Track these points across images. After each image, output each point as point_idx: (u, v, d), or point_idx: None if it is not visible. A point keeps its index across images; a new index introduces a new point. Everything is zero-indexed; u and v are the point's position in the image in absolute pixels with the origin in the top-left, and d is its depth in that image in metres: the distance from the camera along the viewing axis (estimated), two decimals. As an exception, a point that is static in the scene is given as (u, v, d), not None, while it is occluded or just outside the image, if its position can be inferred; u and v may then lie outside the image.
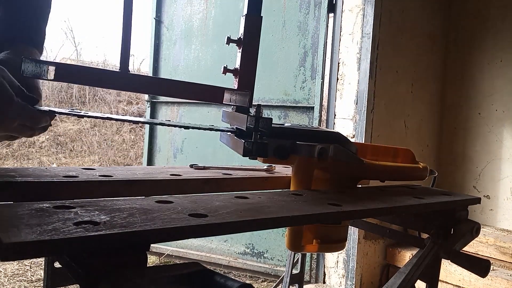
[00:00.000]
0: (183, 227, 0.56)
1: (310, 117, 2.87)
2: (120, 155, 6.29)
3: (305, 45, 2.89)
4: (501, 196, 2.87)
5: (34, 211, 0.56)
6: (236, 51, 0.97)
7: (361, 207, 0.80)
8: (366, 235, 2.65)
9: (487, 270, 1.05)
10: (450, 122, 3.12)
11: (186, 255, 3.19)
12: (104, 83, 0.80)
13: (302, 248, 0.96)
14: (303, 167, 0.94)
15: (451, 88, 3.12)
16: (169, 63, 3.33)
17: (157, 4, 3.35)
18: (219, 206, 0.68)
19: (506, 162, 2.85)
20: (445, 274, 2.44)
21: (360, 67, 2.63)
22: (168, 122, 0.94)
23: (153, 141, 3.44)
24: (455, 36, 3.10)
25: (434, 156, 3.12)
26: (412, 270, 0.96)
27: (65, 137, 6.42)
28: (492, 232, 2.68)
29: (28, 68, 0.74)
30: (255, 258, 3.03)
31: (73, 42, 7.94)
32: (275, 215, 0.66)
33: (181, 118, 3.31)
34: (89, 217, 0.56)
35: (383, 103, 2.69)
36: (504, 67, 2.87)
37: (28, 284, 2.84)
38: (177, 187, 0.91)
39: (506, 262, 2.47)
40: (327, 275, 2.83)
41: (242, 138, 0.88)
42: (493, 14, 2.93)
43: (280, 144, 0.90)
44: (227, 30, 3.03)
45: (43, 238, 0.46)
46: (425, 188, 1.16)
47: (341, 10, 2.75)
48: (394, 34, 2.72)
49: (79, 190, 0.78)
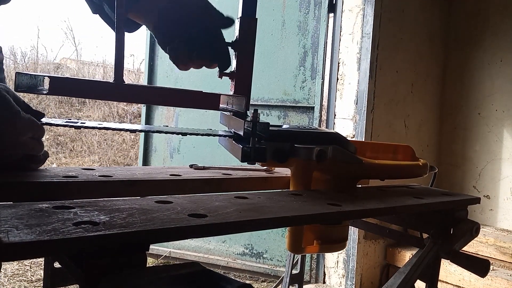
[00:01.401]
0: (183, 227, 0.56)
1: (310, 117, 2.87)
2: (120, 155, 6.29)
3: (305, 45, 2.89)
4: (501, 196, 2.87)
5: (33, 211, 0.56)
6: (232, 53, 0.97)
7: (360, 207, 0.80)
8: (366, 235, 2.65)
9: (487, 270, 1.05)
10: (450, 122, 3.12)
11: (184, 256, 3.18)
12: (99, 95, 0.80)
13: (303, 249, 0.96)
14: (302, 170, 0.94)
15: (451, 88, 3.12)
16: (165, 61, 3.29)
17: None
18: (218, 206, 0.68)
19: (506, 162, 2.85)
20: (445, 274, 2.44)
21: (360, 67, 2.63)
22: (165, 129, 0.94)
23: (149, 140, 3.41)
24: (455, 36, 3.10)
25: (434, 156, 3.12)
26: (412, 270, 0.96)
27: (65, 137, 6.42)
28: (492, 232, 2.68)
29: (23, 82, 0.74)
30: (255, 259, 3.03)
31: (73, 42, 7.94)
32: (274, 215, 0.66)
33: (178, 117, 3.30)
34: (89, 217, 0.56)
35: (383, 103, 2.69)
36: (504, 67, 2.87)
37: (28, 284, 2.84)
38: (177, 187, 0.90)
39: (506, 262, 2.47)
40: (327, 275, 2.83)
41: (240, 143, 0.88)
42: (493, 14, 2.93)
43: (278, 148, 0.89)
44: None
45: (42, 238, 0.46)
46: (425, 188, 1.16)
47: (341, 10, 2.75)
48: (394, 34, 2.72)
49: (79, 190, 0.78)
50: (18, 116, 0.75)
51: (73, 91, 0.77)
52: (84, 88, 0.76)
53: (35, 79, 0.74)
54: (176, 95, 0.84)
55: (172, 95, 0.84)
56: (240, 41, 0.93)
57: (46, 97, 7.02)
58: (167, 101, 0.87)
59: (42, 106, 6.82)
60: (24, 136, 0.77)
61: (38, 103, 6.91)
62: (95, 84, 0.78)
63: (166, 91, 0.84)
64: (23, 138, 0.76)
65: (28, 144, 0.78)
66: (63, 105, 7.10)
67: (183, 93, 0.85)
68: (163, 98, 0.85)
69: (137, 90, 0.82)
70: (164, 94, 0.84)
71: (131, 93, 0.80)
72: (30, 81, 0.74)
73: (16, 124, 0.75)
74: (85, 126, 0.86)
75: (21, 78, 0.73)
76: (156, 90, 0.86)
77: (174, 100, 0.85)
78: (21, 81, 0.73)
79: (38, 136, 0.80)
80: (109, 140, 6.46)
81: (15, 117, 0.74)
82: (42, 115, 0.83)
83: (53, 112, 6.78)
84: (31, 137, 0.78)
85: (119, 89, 0.78)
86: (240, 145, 0.85)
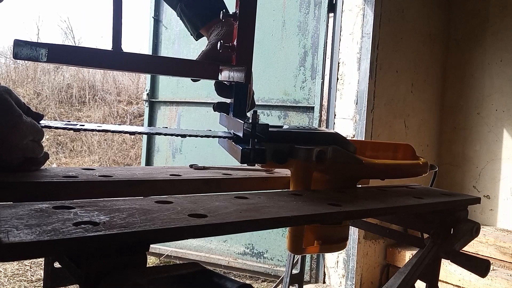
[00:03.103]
0: (183, 228, 0.56)
1: (310, 117, 2.87)
2: (120, 155, 6.29)
3: (305, 45, 2.89)
4: (501, 196, 2.87)
5: (33, 211, 0.56)
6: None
7: (361, 207, 0.80)
8: (366, 235, 2.65)
9: (487, 270, 1.05)
10: (450, 122, 3.12)
11: (185, 256, 3.19)
12: (98, 63, 0.79)
13: (304, 250, 0.95)
14: (302, 170, 0.94)
15: (451, 88, 3.12)
16: (168, 57, 3.31)
17: (155, 3, 3.34)
18: (219, 206, 0.68)
19: (506, 162, 2.85)
20: (445, 274, 2.44)
21: (360, 67, 2.63)
22: (165, 131, 0.93)
23: (152, 141, 3.43)
24: (455, 36, 3.10)
25: (434, 156, 3.11)
26: (412, 270, 0.96)
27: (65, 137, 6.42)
28: (492, 232, 2.68)
29: (22, 51, 0.73)
30: (255, 258, 3.03)
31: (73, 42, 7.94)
32: (275, 215, 0.66)
33: (180, 117, 3.31)
34: (89, 217, 0.56)
35: (383, 103, 2.69)
36: (504, 67, 2.87)
37: (28, 284, 2.84)
38: (177, 187, 0.90)
39: (506, 262, 2.47)
40: (327, 275, 2.83)
41: (240, 144, 0.87)
42: (492, 13, 2.93)
43: (277, 149, 0.89)
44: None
45: (42, 238, 0.46)
46: (425, 188, 1.16)
47: (341, 10, 2.75)
48: (394, 34, 2.72)
49: (79, 190, 0.78)
50: (21, 120, 0.75)
51: (71, 59, 0.76)
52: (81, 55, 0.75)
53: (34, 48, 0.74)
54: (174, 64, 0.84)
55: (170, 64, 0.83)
56: (241, 13, 0.92)
57: (47, 97, 7.02)
58: (165, 70, 0.86)
59: (43, 106, 6.82)
60: (25, 140, 0.77)
61: (38, 103, 6.91)
62: (93, 52, 0.77)
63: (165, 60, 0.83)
64: (25, 141, 0.77)
65: (30, 147, 0.78)
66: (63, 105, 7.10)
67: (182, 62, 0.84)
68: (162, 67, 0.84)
69: (136, 58, 0.81)
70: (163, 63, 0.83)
71: (130, 62, 0.79)
72: (28, 49, 0.73)
73: (20, 129, 0.75)
74: (84, 128, 0.86)
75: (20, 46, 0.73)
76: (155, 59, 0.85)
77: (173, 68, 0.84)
78: (20, 49, 0.73)
79: (38, 139, 0.80)
80: (109, 140, 6.46)
81: (19, 122, 0.75)
82: (42, 117, 0.83)
83: (53, 112, 6.78)
84: (32, 140, 0.78)
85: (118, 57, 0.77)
86: (240, 146, 0.85)
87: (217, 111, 1.05)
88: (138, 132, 0.92)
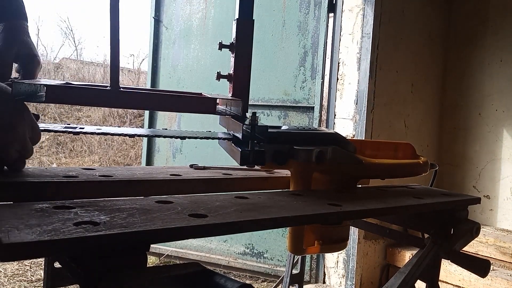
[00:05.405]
0: (183, 227, 0.56)
1: (310, 117, 2.87)
2: (120, 155, 6.29)
3: (305, 45, 2.89)
4: (501, 196, 2.87)
5: (34, 211, 0.56)
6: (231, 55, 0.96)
7: (361, 207, 0.80)
8: (366, 235, 2.65)
9: (487, 270, 1.05)
10: (450, 122, 3.12)
11: (186, 256, 3.19)
12: (96, 102, 0.80)
13: (304, 250, 0.95)
14: (302, 171, 0.94)
15: (451, 88, 3.12)
16: (168, 62, 3.32)
17: (156, 4, 3.34)
18: (219, 206, 0.68)
19: (506, 162, 2.85)
20: (445, 274, 2.44)
21: (360, 67, 2.63)
22: (164, 133, 0.93)
23: (152, 141, 3.43)
24: (455, 36, 3.10)
25: (434, 156, 3.11)
26: (412, 270, 0.96)
27: (65, 137, 6.42)
28: (492, 232, 2.68)
29: (20, 91, 0.75)
30: (255, 258, 3.03)
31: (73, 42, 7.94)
32: (275, 215, 0.66)
33: (180, 118, 3.31)
34: (89, 217, 0.56)
35: (383, 103, 2.69)
36: (504, 67, 2.87)
37: (28, 284, 2.84)
38: (177, 187, 0.90)
39: (506, 262, 2.47)
40: (327, 275, 2.83)
41: (239, 146, 0.87)
42: (492, 13, 2.93)
43: (277, 150, 0.89)
44: (227, 30, 3.03)
45: (42, 238, 0.46)
46: (425, 188, 1.16)
47: (341, 10, 2.75)
48: (394, 34, 2.72)
49: (79, 190, 0.78)
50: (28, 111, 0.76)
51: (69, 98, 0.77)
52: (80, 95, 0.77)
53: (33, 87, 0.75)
54: (172, 100, 0.84)
55: (168, 100, 0.84)
56: (237, 43, 0.93)
57: (46, 97, 7.02)
58: (163, 107, 0.87)
59: (42, 106, 6.82)
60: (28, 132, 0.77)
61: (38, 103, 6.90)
62: (91, 91, 0.78)
63: (162, 96, 0.84)
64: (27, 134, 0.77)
65: (28, 145, 0.78)
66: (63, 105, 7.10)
67: (179, 99, 0.84)
68: (160, 104, 0.85)
69: (133, 96, 0.82)
70: (160, 99, 0.84)
71: (127, 100, 0.80)
72: (27, 89, 0.75)
73: (24, 119, 0.75)
74: (83, 132, 0.86)
75: (18, 86, 0.74)
76: (152, 96, 0.85)
77: (170, 105, 0.85)
78: (18, 89, 0.74)
79: (34, 140, 0.80)
80: (109, 140, 6.46)
81: (26, 110, 0.75)
82: (38, 117, 0.84)
83: (53, 112, 6.78)
84: (30, 137, 0.78)
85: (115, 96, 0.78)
86: (239, 148, 0.85)
87: None
88: (138, 135, 0.92)
